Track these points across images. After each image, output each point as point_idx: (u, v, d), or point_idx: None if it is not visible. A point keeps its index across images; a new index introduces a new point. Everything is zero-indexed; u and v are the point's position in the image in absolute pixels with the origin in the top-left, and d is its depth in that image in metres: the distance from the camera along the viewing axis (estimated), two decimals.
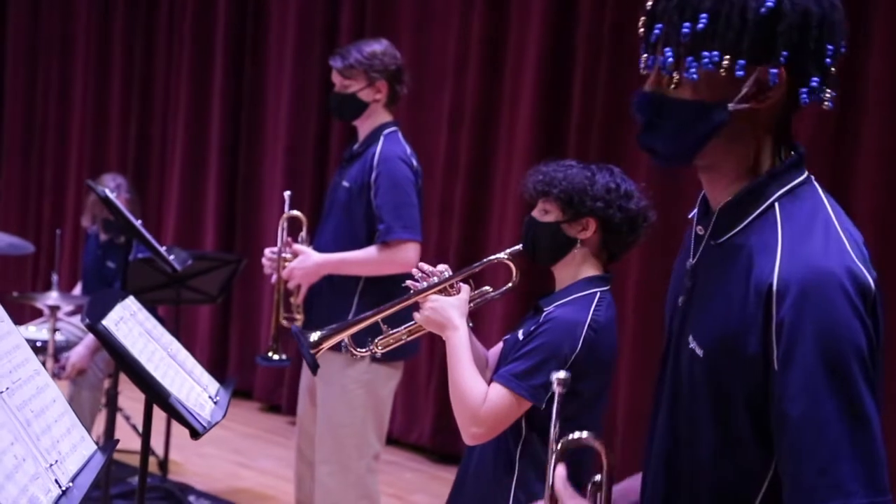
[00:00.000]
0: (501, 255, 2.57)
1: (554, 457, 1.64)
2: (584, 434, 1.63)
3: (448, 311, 2.44)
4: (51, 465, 1.66)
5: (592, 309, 2.41)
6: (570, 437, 1.64)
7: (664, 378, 1.58)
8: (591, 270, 2.47)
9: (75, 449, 1.78)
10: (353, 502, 3.64)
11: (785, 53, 1.41)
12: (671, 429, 1.52)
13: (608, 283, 2.48)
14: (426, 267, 2.56)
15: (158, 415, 2.49)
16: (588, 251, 2.47)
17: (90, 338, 4.75)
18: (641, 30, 1.51)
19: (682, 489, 1.49)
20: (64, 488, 1.64)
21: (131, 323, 2.37)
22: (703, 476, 1.46)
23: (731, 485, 1.44)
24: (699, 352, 1.45)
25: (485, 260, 2.59)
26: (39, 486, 1.59)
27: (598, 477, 1.64)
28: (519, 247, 2.54)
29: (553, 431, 1.68)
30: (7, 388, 1.68)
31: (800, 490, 1.34)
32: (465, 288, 2.51)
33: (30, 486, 1.56)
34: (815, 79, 1.44)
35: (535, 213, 2.50)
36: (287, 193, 3.87)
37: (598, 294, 2.44)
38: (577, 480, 2.36)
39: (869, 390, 1.34)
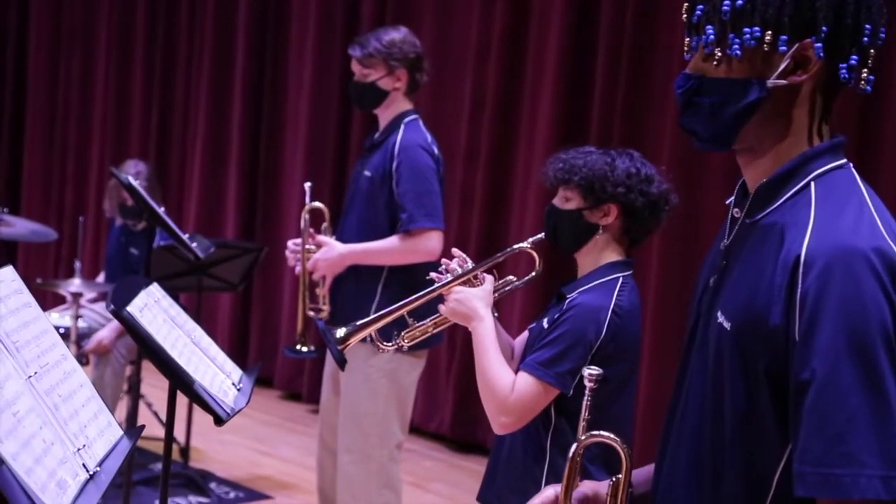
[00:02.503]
0: (524, 244, 2.57)
1: (574, 450, 1.66)
2: (605, 433, 1.64)
3: (473, 301, 2.44)
4: (78, 449, 1.67)
5: (616, 294, 2.41)
6: (591, 435, 1.65)
7: (689, 357, 1.58)
8: (613, 256, 2.47)
9: (102, 434, 1.79)
10: (375, 491, 3.65)
11: (825, 28, 1.43)
12: (698, 406, 1.53)
13: (630, 268, 2.49)
14: (452, 262, 2.56)
15: (180, 402, 2.50)
16: (610, 237, 2.47)
17: (116, 321, 4.78)
18: (685, 15, 1.52)
19: (705, 465, 1.50)
20: (91, 472, 1.66)
21: (155, 310, 2.39)
22: (726, 452, 1.47)
23: (751, 461, 1.45)
24: (727, 325, 1.46)
25: (508, 249, 2.59)
26: (67, 469, 1.60)
27: (617, 476, 1.65)
28: (541, 235, 2.54)
29: (581, 424, 1.69)
30: (35, 373, 1.70)
31: (811, 456, 1.34)
32: (488, 278, 2.51)
33: (58, 470, 1.57)
34: (854, 57, 1.45)
35: (556, 201, 2.50)
36: (307, 185, 3.87)
37: (621, 279, 2.44)
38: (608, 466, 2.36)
39: (891, 366, 1.33)
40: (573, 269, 2.54)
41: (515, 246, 2.58)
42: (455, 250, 2.60)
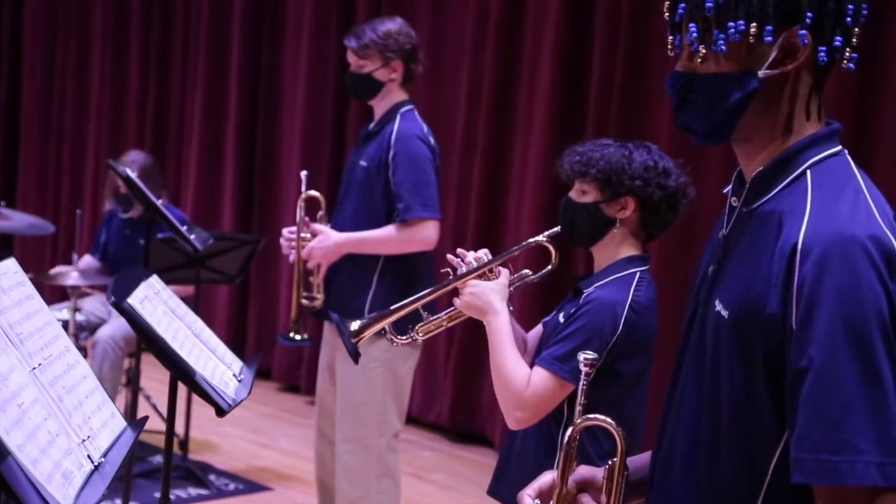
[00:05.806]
0: (540, 237, 2.54)
1: (569, 434, 1.66)
2: (600, 417, 1.65)
3: (489, 295, 2.42)
4: (83, 440, 1.67)
5: (633, 289, 2.40)
6: (586, 418, 1.66)
7: (687, 346, 1.59)
8: (629, 250, 2.47)
9: (106, 425, 1.80)
10: (374, 480, 3.66)
11: (809, 15, 1.43)
12: (695, 393, 1.54)
13: (647, 263, 2.48)
14: (469, 254, 2.53)
15: (179, 394, 2.51)
16: (627, 230, 2.45)
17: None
18: (667, 14, 1.52)
19: (702, 452, 1.51)
20: (96, 463, 1.66)
21: (156, 301, 2.39)
22: (722, 439, 1.48)
23: (748, 448, 1.46)
24: (724, 314, 1.47)
25: (524, 243, 2.58)
26: (73, 461, 1.60)
27: (613, 459, 1.66)
28: (557, 229, 2.51)
29: (577, 408, 1.70)
30: (39, 365, 1.70)
31: (807, 443, 1.35)
32: (504, 272, 2.49)
33: (63, 461, 1.57)
34: (838, 38, 1.45)
35: (573, 194, 2.48)
36: (304, 173, 3.87)
37: (638, 274, 2.44)
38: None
39: (887, 354, 1.34)
40: (581, 264, 2.54)
41: (531, 239, 2.56)
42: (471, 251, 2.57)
